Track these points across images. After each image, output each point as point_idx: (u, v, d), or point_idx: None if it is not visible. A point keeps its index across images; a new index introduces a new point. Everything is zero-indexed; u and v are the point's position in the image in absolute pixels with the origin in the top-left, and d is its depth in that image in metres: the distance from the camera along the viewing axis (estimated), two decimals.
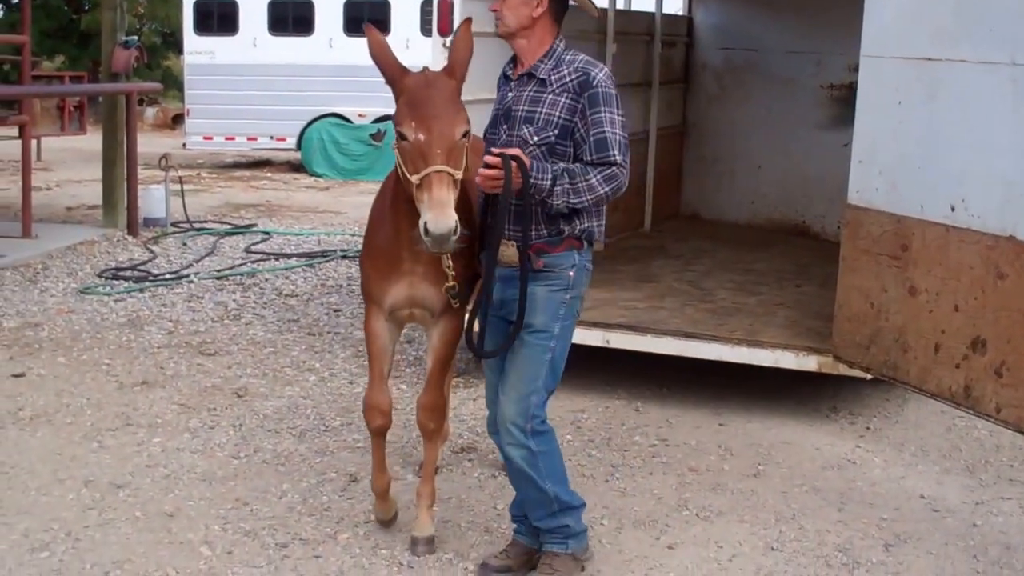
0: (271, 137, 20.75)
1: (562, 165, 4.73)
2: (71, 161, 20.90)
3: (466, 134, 4.65)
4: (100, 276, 11.23)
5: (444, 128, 4.59)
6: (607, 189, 4.70)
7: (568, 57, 4.89)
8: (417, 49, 19.34)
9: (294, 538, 5.50)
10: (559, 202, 4.69)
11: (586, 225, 4.86)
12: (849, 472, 6.64)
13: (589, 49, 10.03)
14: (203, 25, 20.73)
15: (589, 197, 4.69)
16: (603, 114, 4.73)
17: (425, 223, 4.46)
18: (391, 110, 4.73)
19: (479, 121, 4.99)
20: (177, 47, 29.37)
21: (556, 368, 4.99)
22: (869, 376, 6.98)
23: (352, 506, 5.93)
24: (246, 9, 20.69)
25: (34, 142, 17.01)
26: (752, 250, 10.91)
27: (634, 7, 12.07)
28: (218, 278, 11.18)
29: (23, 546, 5.39)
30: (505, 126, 4.92)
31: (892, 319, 6.64)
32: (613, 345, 7.80)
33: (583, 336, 7.75)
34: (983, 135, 6.02)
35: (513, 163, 4.61)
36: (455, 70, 4.82)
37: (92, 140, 17.55)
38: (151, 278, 11.18)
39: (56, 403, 7.42)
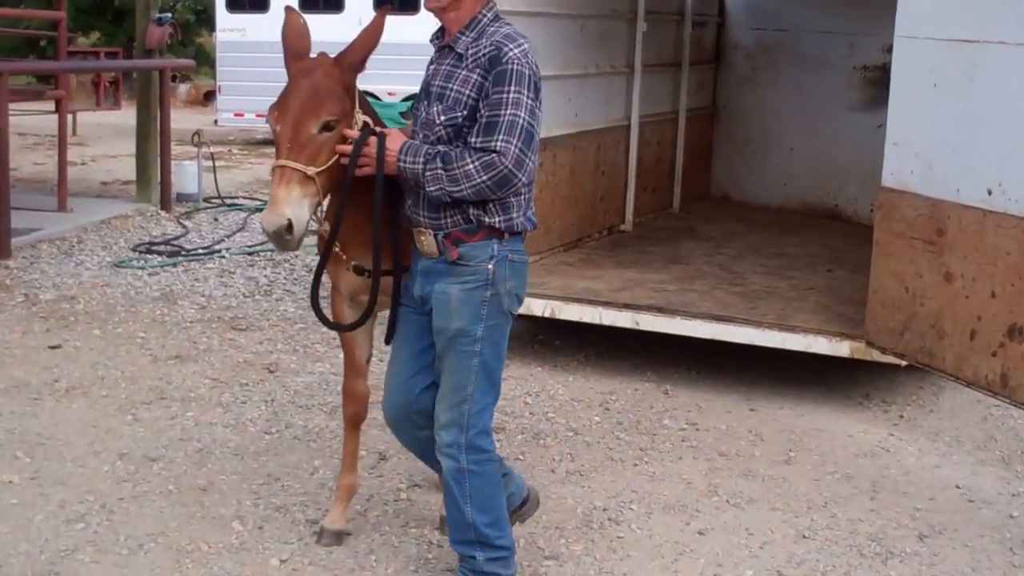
0: None
1: (440, 148, 4.32)
2: (106, 136, 20.96)
3: (328, 126, 4.33)
4: (134, 250, 11.29)
5: (295, 120, 4.30)
6: (486, 178, 4.21)
7: (491, 29, 4.41)
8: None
9: (325, 514, 5.51)
10: (434, 189, 4.28)
11: (503, 216, 4.40)
12: (882, 460, 6.61)
13: (619, 28, 10.09)
14: (235, 2, 20.74)
15: (467, 186, 4.23)
16: (505, 95, 4.23)
17: (260, 221, 4.32)
18: (416, 88, 4.71)
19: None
20: (209, 24, 29.44)
21: (491, 374, 4.54)
22: (903, 363, 6.95)
23: (382, 483, 5.96)
24: None
25: (70, 117, 17.07)
26: (783, 233, 10.87)
27: None
28: (249, 254, 11.23)
29: (59, 517, 5.43)
30: (426, 102, 4.49)
31: (927, 305, 6.60)
32: (642, 327, 7.80)
33: (613, 317, 7.81)
34: (1022, 118, 5.97)
35: (376, 141, 4.39)
36: (346, 57, 4.46)
37: (126, 115, 17.63)
38: (184, 253, 11.24)
39: (91, 375, 7.48)
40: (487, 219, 4.38)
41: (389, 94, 20.33)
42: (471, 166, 4.20)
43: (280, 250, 4.42)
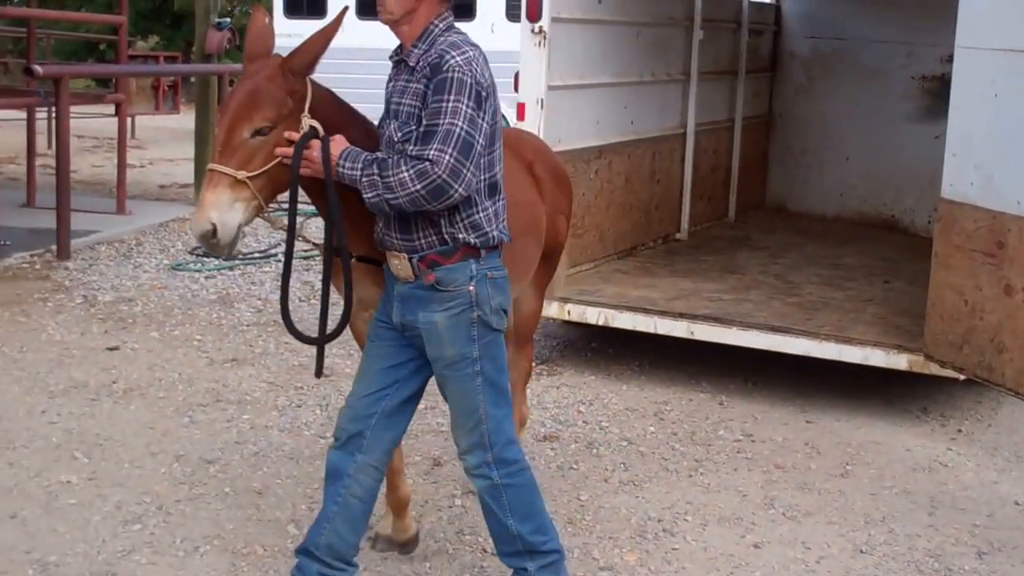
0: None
1: (379, 155, 4.20)
2: (164, 140, 21.13)
3: (260, 131, 4.17)
4: (191, 253, 11.36)
5: (228, 124, 4.17)
6: (419, 187, 4.01)
7: (442, 39, 4.24)
8: (503, 35, 19.37)
9: (379, 520, 5.52)
10: (371, 195, 4.11)
11: (476, 233, 4.27)
12: (940, 475, 6.54)
13: (676, 36, 10.08)
14: (292, 8, 20.81)
15: (402, 194, 4.04)
16: (444, 103, 4.07)
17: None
18: None
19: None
20: None
21: (496, 384, 4.42)
22: (961, 377, 6.88)
23: (436, 489, 5.97)
24: None
25: (129, 120, 17.24)
26: (840, 244, 10.80)
27: None
28: (305, 258, 11.27)
29: (116, 518, 5.48)
30: (387, 120, 4.37)
31: (987, 318, 6.54)
32: (698, 337, 7.77)
33: (668, 327, 7.79)
34: None
35: (319, 144, 4.23)
36: (292, 59, 4.26)
37: (185, 119, 17.77)
38: (240, 256, 11.31)
39: (149, 377, 7.54)
40: (461, 237, 4.24)
41: None
42: (405, 174, 4.04)
43: (212, 255, 4.37)
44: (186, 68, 18.97)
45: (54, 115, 13.51)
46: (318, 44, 4.26)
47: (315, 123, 4.25)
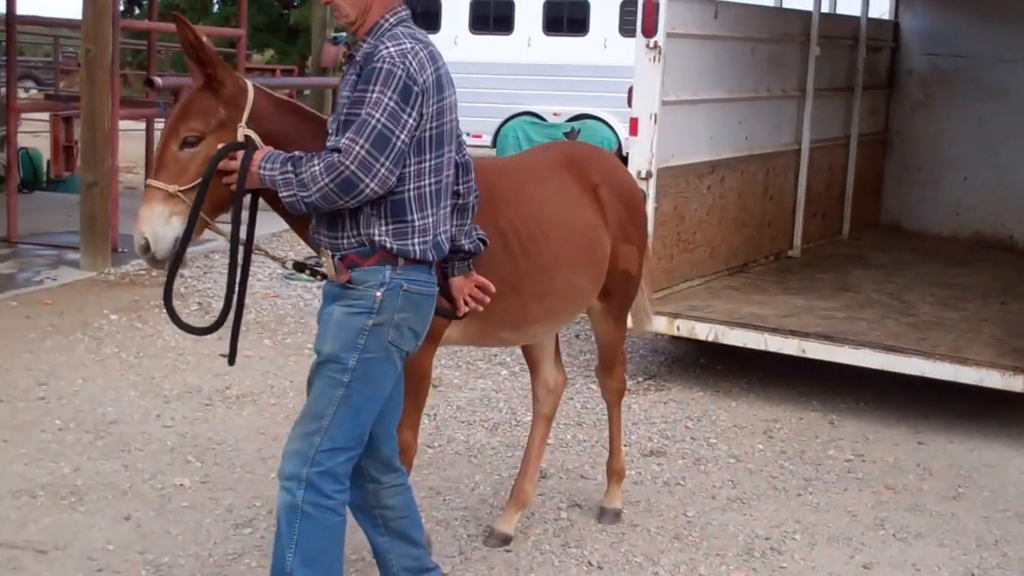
0: (467, 134, 20.78)
1: (296, 153, 3.97)
2: None
3: (187, 143, 4.03)
4: (299, 265, 11.46)
5: (162, 138, 4.10)
6: (328, 181, 3.82)
7: (391, 32, 4.01)
8: (615, 49, 19.37)
9: (485, 530, 5.54)
10: (287, 195, 3.91)
11: (397, 240, 4.00)
12: None
13: (791, 52, 10.01)
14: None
15: (314, 190, 3.84)
16: (367, 93, 3.86)
17: None
18: (586, 109, 4.62)
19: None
20: None
21: (357, 412, 4.04)
22: None
23: (543, 502, 5.95)
24: (448, 8, 20.96)
25: None
26: (956, 264, 10.63)
27: (839, 11, 11.87)
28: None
29: (227, 521, 5.56)
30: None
31: None
32: (809, 355, 7.69)
33: (779, 344, 7.72)
34: None
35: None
36: (216, 69, 4.06)
37: None
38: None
39: (261, 384, 7.65)
40: (378, 240, 3.99)
41: (554, 115, 20.41)
42: (316, 167, 3.84)
43: (152, 267, 4.27)
44: (302, 81, 19.22)
45: None
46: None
47: (251, 132, 4.07)
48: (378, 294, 3.99)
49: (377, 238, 3.98)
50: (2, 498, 5.69)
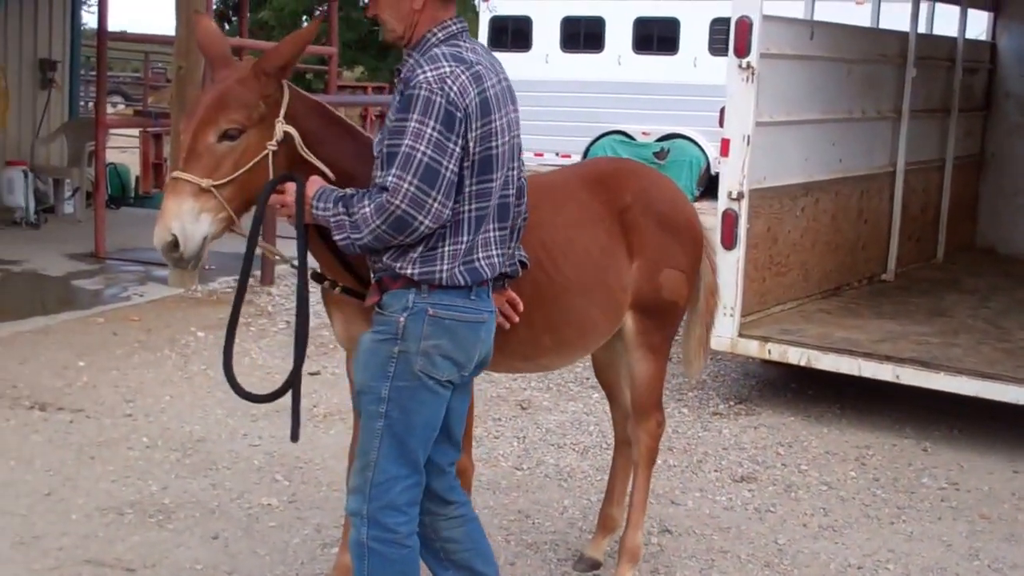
0: (556, 153, 20.81)
1: (349, 191, 3.80)
2: None
3: (228, 135, 3.84)
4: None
5: (194, 129, 3.85)
6: (379, 223, 3.64)
7: (435, 51, 3.81)
8: (705, 69, 19.27)
9: (574, 554, 5.49)
10: (340, 238, 3.75)
11: (420, 267, 3.78)
12: None
13: (887, 73, 9.86)
14: (497, 41, 21.08)
15: (366, 232, 3.67)
16: (407, 123, 3.65)
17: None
18: (676, 128, 4.43)
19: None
20: None
21: (402, 441, 3.87)
22: None
23: None
24: (540, 26, 20.99)
25: None
26: None
27: (936, 31, 11.71)
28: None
29: (315, 541, 5.55)
30: None
31: None
32: (903, 381, 7.55)
33: (873, 370, 7.59)
34: None
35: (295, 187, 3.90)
36: (264, 62, 3.91)
37: None
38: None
39: (348, 402, 7.59)
40: (399, 267, 3.79)
41: (643, 134, 20.35)
42: (366, 209, 3.66)
43: (175, 267, 3.95)
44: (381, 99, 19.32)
45: None
46: (293, 46, 3.95)
47: (290, 128, 3.91)
48: (401, 319, 3.79)
49: (400, 268, 3.78)
50: (90, 516, 5.72)
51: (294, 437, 4.17)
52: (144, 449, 6.65)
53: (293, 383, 4.11)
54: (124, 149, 18.89)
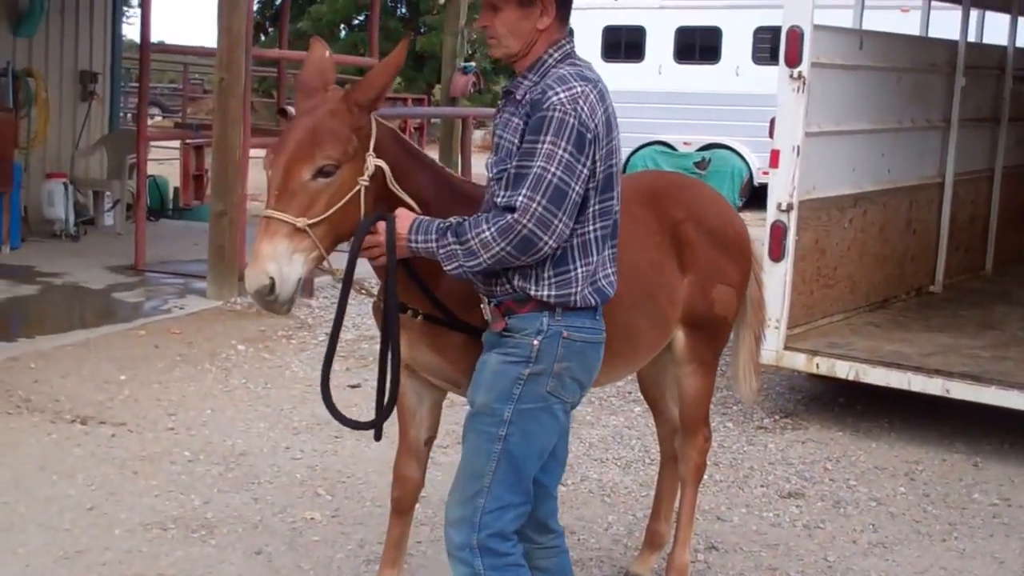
0: None
1: (454, 219, 3.70)
2: None
3: (324, 172, 3.71)
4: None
5: (286, 165, 3.70)
6: (504, 245, 3.56)
7: (555, 71, 3.75)
8: (747, 78, 19.15)
9: (619, 571, 5.41)
10: (452, 267, 3.66)
11: (556, 291, 3.73)
12: None
13: (936, 82, 9.73)
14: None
15: (486, 256, 3.59)
16: (538, 145, 3.59)
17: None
18: (717, 138, 4.35)
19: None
20: (508, 72, 30.06)
21: (518, 466, 3.79)
22: None
23: None
24: (580, 36, 20.92)
25: None
26: None
27: (985, 40, 11.55)
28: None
29: (359, 556, 5.50)
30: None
31: None
32: (954, 395, 7.42)
33: (923, 383, 7.48)
34: None
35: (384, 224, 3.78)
36: (356, 93, 3.81)
37: None
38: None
39: (391, 417, 7.53)
40: (533, 291, 3.73)
41: (684, 144, 20.26)
42: (487, 233, 3.58)
43: (267, 312, 3.84)
44: (433, 111, 19.32)
45: None
46: (385, 76, 3.84)
47: (381, 163, 3.82)
48: (535, 342, 3.72)
49: (535, 292, 3.72)
50: (133, 531, 5.68)
51: (377, 436, 4.28)
52: (186, 463, 6.61)
53: (386, 407, 4.17)
54: (162, 161, 18.97)
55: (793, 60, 7.53)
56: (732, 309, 5.05)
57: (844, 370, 7.67)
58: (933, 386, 7.45)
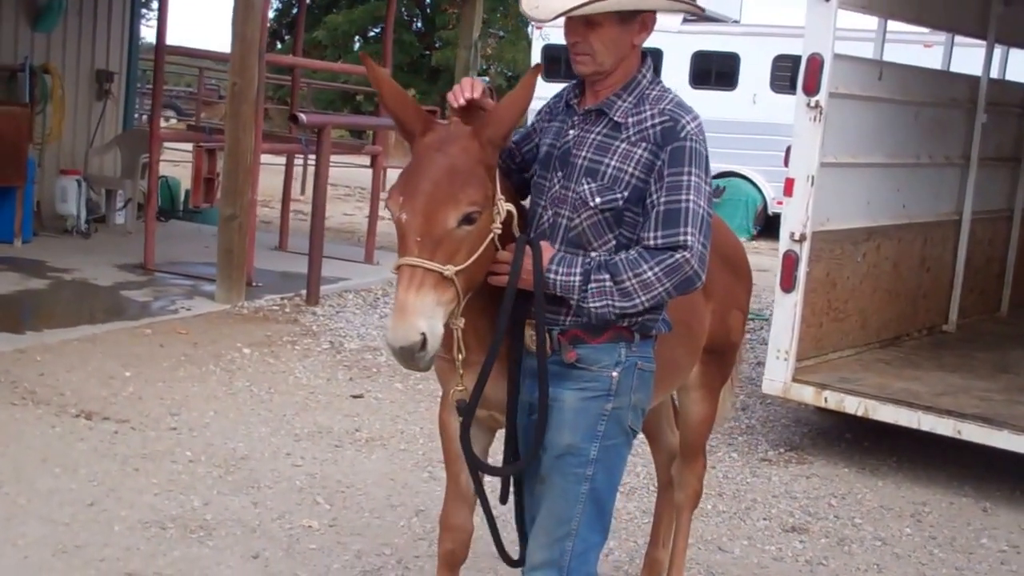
0: None
1: (603, 257, 3.53)
2: None
3: (469, 219, 3.42)
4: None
5: (428, 209, 3.39)
6: (668, 285, 3.46)
7: (654, 94, 3.61)
8: (765, 106, 19.06)
9: None
10: (598, 305, 3.47)
11: (642, 316, 3.60)
12: None
13: (956, 118, 9.65)
14: (552, 71, 20.87)
15: (645, 298, 3.46)
16: (686, 177, 3.46)
17: (385, 332, 3.64)
18: (732, 166, 4.24)
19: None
20: None
21: (602, 505, 3.70)
22: None
23: None
24: None
25: (382, 172, 17.63)
26: None
27: (1008, 76, 11.46)
28: None
29: (355, 567, 5.43)
30: (560, 173, 3.64)
31: None
32: (965, 437, 7.32)
33: (933, 423, 7.38)
34: None
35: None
36: (487, 128, 3.51)
37: None
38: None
39: (391, 428, 7.51)
40: (628, 321, 3.60)
41: None
42: (650, 274, 3.44)
43: (406, 368, 3.48)
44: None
45: (311, 162, 13.75)
46: (516, 110, 3.53)
47: (511, 206, 3.59)
48: (614, 374, 3.59)
49: (623, 321, 3.57)
50: (132, 528, 5.63)
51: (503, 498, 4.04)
52: (187, 464, 6.55)
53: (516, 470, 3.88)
54: (175, 163, 18.95)
55: (811, 88, 7.43)
56: (742, 334, 5.08)
57: (853, 405, 7.58)
58: (944, 426, 7.35)
